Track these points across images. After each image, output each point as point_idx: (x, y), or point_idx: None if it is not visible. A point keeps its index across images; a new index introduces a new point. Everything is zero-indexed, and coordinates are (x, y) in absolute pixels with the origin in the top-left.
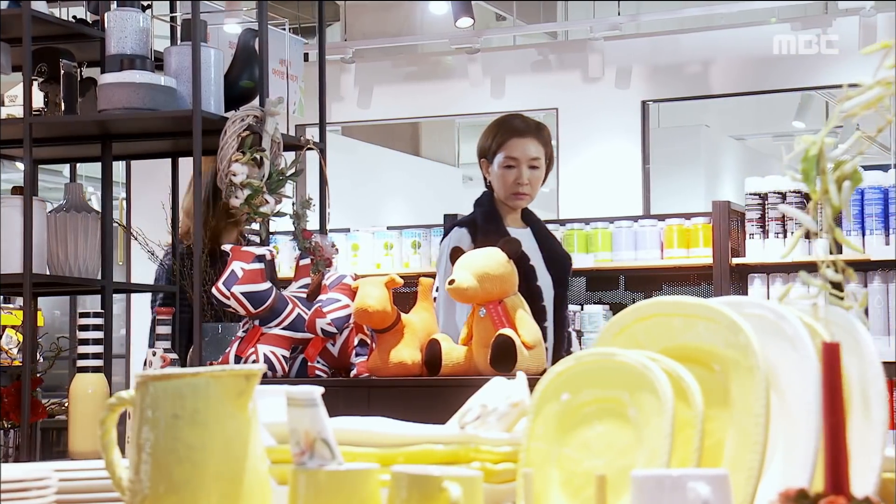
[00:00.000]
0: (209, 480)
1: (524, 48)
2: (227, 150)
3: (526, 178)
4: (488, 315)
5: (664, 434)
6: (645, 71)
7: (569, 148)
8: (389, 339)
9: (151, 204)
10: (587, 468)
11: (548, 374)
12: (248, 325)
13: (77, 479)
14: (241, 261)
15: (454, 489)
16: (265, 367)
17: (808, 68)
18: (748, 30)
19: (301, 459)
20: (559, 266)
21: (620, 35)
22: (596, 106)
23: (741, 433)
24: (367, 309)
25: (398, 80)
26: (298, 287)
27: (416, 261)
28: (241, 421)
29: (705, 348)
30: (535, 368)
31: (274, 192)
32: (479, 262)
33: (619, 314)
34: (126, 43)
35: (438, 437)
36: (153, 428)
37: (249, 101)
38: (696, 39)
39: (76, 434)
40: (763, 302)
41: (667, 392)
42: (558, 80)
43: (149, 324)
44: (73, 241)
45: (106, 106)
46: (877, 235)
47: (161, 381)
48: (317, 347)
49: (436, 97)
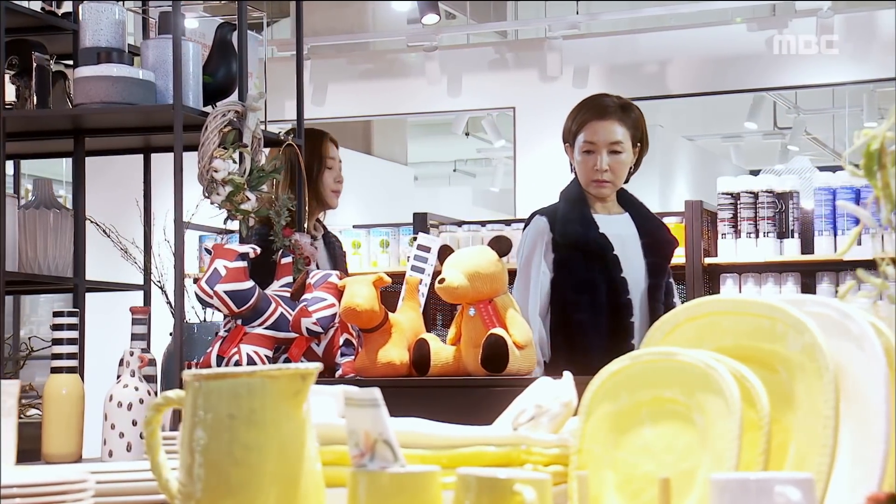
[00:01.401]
0: (266, 483)
1: (481, 46)
2: (209, 146)
3: (605, 164)
4: (478, 314)
5: (732, 437)
6: (602, 70)
7: (526, 147)
8: (377, 338)
9: (117, 201)
10: (646, 471)
11: (601, 374)
12: (231, 325)
13: (115, 482)
14: (223, 259)
15: (528, 492)
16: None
17: (764, 69)
18: (706, 30)
19: (361, 461)
20: (659, 253)
21: (579, 34)
22: (553, 105)
23: (807, 435)
24: (355, 308)
25: (353, 78)
26: (280, 286)
27: (385, 260)
28: (296, 421)
29: (766, 348)
30: (526, 369)
31: (255, 188)
32: (470, 261)
33: (670, 313)
34: (101, 36)
35: (491, 438)
36: (207, 429)
37: (224, 97)
38: (654, 39)
39: (50, 436)
40: (826, 300)
41: (734, 393)
42: (515, 78)
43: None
44: (42, 239)
45: (83, 100)
46: (848, 236)
47: (215, 380)
48: (301, 347)
49: (391, 95)
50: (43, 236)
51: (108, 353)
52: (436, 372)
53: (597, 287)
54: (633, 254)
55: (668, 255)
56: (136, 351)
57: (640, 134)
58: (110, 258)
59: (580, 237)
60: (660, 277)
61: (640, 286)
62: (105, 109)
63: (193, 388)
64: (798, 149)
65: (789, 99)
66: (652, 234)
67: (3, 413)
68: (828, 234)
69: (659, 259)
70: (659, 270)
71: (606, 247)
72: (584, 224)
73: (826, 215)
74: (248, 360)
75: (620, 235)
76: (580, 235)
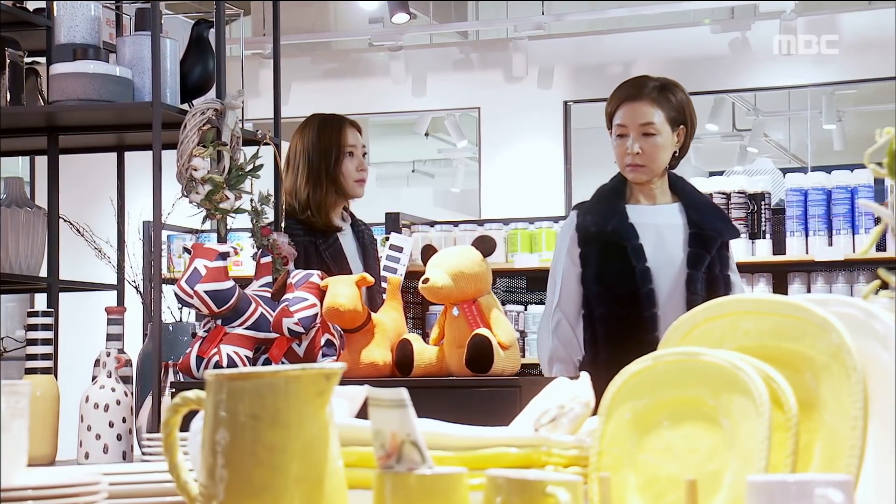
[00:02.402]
0: (291, 484)
1: (446, 46)
2: (188, 145)
3: (636, 147)
4: (462, 315)
5: (761, 438)
6: (567, 71)
7: (491, 147)
8: (360, 339)
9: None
10: (669, 472)
11: (622, 373)
12: (210, 325)
13: (128, 483)
14: (203, 258)
15: (563, 494)
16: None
17: (727, 70)
18: (670, 31)
19: (387, 463)
20: (702, 243)
21: (544, 35)
22: (518, 106)
23: (834, 436)
24: (338, 308)
25: (317, 77)
26: (260, 286)
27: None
28: (321, 422)
29: (790, 348)
30: (510, 369)
31: (234, 187)
32: (453, 261)
33: (689, 313)
34: (77, 32)
35: (512, 439)
36: (230, 429)
37: (201, 95)
38: (619, 40)
39: None
40: (851, 300)
41: (763, 394)
42: (481, 79)
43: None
44: (14, 238)
45: (59, 97)
46: (820, 237)
47: (238, 380)
48: (282, 348)
49: (356, 94)
50: (15, 235)
51: (77, 354)
52: (419, 372)
53: (615, 278)
54: (673, 244)
55: (709, 246)
56: (113, 351)
57: (683, 116)
58: (74, 257)
59: (599, 228)
60: (697, 269)
61: (672, 277)
62: (82, 106)
63: (215, 389)
64: (757, 151)
65: (748, 101)
66: (701, 223)
67: (14, 414)
68: (799, 235)
69: (699, 250)
70: (696, 261)
71: (627, 236)
72: (607, 215)
73: (798, 216)
74: (229, 361)
75: (657, 225)
76: (599, 227)
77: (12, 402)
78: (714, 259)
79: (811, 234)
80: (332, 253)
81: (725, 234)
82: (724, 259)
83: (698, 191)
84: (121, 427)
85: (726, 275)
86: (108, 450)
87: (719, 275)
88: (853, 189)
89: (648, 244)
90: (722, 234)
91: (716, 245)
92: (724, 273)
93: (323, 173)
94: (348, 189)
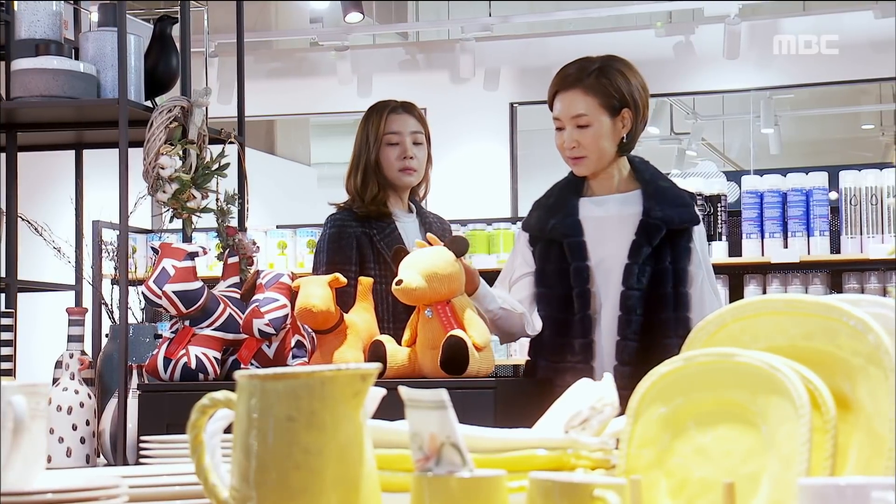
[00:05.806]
0: (328, 487)
1: (392, 47)
2: (155, 143)
3: (572, 139)
4: (436, 316)
5: (801, 440)
6: (514, 72)
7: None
8: (332, 340)
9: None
10: (702, 475)
11: (650, 375)
12: (178, 326)
13: (148, 486)
14: (172, 258)
15: (612, 497)
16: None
17: (672, 74)
18: (616, 34)
19: (426, 465)
20: (645, 232)
21: (491, 36)
22: (465, 107)
23: (871, 438)
24: (311, 309)
25: (260, 77)
26: (227, 286)
27: (311, 260)
28: (356, 423)
29: (824, 349)
30: (485, 370)
31: (201, 186)
32: (426, 262)
33: (716, 314)
34: (38, 27)
35: (542, 441)
36: (264, 431)
37: (164, 92)
38: (565, 42)
39: None
40: (881, 300)
41: (802, 395)
42: (427, 79)
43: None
44: None
45: (20, 93)
46: (776, 239)
47: (272, 381)
48: (251, 349)
49: (300, 94)
50: None
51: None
52: (392, 374)
53: (552, 278)
54: (623, 235)
55: (651, 235)
56: (76, 353)
57: (621, 99)
58: (27, 257)
59: (541, 225)
60: (633, 260)
61: (616, 271)
62: (46, 103)
63: (248, 390)
64: (696, 154)
65: (687, 104)
66: (648, 211)
67: (34, 416)
68: (755, 238)
69: (640, 239)
70: (635, 252)
71: (566, 233)
72: (554, 211)
73: (753, 218)
74: (197, 362)
75: (610, 217)
76: (541, 224)
77: (33, 403)
78: (662, 250)
79: (767, 237)
80: (388, 242)
81: (677, 221)
82: (683, 251)
83: (662, 175)
84: (84, 430)
85: (681, 268)
86: (72, 453)
87: (668, 267)
88: (808, 191)
89: (594, 239)
90: (671, 221)
91: (659, 234)
92: (679, 266)
93: (364, 164)
94: (392, 179)
